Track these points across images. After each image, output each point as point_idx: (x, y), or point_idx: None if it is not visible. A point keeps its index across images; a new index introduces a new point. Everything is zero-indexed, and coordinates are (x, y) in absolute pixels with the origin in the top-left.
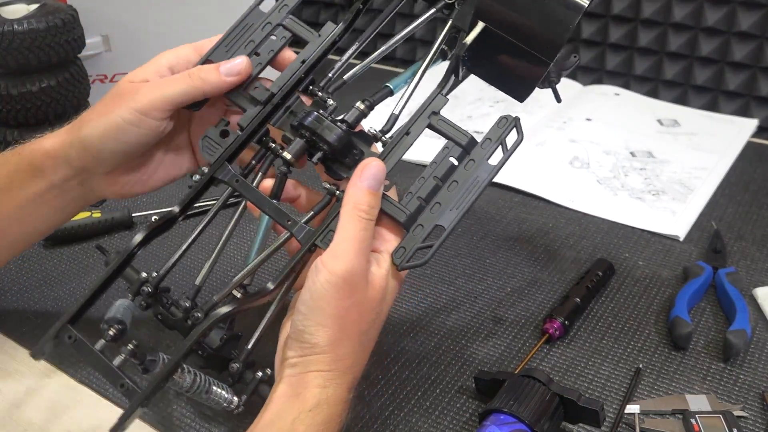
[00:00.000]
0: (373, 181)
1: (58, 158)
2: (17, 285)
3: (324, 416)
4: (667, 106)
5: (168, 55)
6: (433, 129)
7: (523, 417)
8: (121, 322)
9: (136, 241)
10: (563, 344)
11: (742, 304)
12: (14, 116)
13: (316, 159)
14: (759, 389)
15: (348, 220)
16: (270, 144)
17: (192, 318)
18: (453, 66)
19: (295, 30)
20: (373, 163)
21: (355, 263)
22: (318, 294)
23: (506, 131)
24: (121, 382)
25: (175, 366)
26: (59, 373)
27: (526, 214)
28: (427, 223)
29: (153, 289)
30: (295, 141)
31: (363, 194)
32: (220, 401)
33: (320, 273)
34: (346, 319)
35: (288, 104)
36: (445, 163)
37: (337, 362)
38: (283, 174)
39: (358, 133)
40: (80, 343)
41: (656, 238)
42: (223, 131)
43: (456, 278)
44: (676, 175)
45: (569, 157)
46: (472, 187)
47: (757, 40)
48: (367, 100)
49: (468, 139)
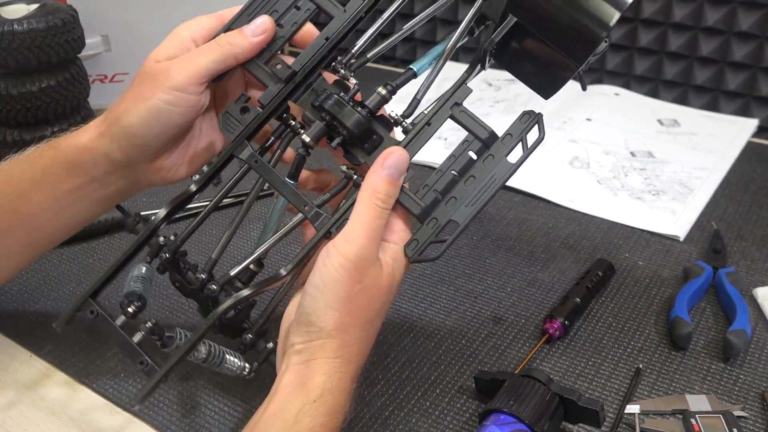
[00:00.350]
0: (394, 170)
1: (96, 153)
2: (17, 285)
3: (328, 407)
4: (667, 106)
5: (189, 26)
6: (454, 120)
7: (523, 417)
8: (141, 297)
9: (160, 216)
10: (563, 344)
11: (742, 304)
12: (14, 116)
13: (335, 144)
14: (759, 389)
15: (365, 206)
16: (290, 122)
17: (208, 290)
18: (479, 57)
19: (321, 2)
20: (398, 152)
21: (366, 249)
22: (329, 277)
23: (528, 127)
24: (140, 360)
25: (193, 345)
26: (59, 373)
27: (526, 214)
28: (442, 218)
29: (171, 255)
30: (315, 124)
31: (383, 182)
32: (233, 369)
33: (332, 256)
34: (354, 304)
35: (309, 81)
36: (464, 157)
37: (343, 349)
38: (301, 156)
39: (379, 117)
40: (102, 318)
41: (656, 238)
42: (244, 108)
43: (456, 278)
44: (676, 175)
45: (569, 157)
46: (490, 183)
47: (757, 40)
48: (390, 85)
49: (489, 133)
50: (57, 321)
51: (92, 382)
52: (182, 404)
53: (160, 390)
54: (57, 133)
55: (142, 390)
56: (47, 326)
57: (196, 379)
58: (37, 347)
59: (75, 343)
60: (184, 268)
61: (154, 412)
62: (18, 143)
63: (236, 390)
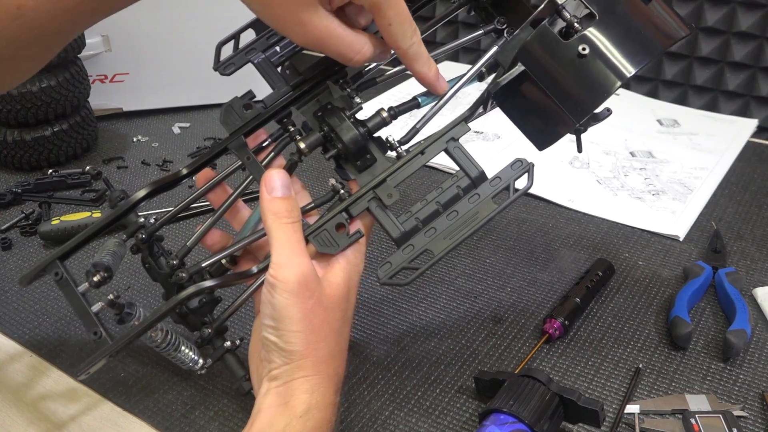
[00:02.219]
0: (281, 189)
1: None
2: (17, 285)
3: (315, 422)
4: (667, 106)
5: None
6: (448, 154)
7: (522, 417)
8: (108, 269)
9: (139, 196)
10: (563, 344)
11: (742, 304)
12: (14, 116)
13: (328, 156)
14: (759, 389)
15: (275, 230)
16: (289, 127)
17: (176, 277)
18: (483, 98)
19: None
20: (272, 173)
21: (300, 265)
22: (280, 305)
23: (518, 175)
24: (95, 330)
25: (147, 327)
26: (59, 373)
27: (526, 214)
28: (418, 245)
29: (147, 236)
30: (312, 132)
31: (278, 203)
32: (186, 361)
33: (273, 286)
34: (313, 320)
35: (316, 92)
36: (451, 191)
37: (318, 365)
38: (293, 162)
39: (375, 138)
40: (65, 282)
41: (656, 238)
42: (247, 104)
43: (456, 278)
44: (676, 175)
45: (569, 157)
46: (471, 221)
47: (757, 40)
48: (393, 109)
49: (479, 172)
50: (21, 277)
51: (92, 382)
52: (182, 404)
53: (161, 390)
54: (57, 133)
55: (88, 360)
56: (47, 326)
57: (196, 379)
58: (38, 347)
59: (75, 344)
60: (158, 252)
61: (153, 412)
62: (18, 143)
63: (236, 390)
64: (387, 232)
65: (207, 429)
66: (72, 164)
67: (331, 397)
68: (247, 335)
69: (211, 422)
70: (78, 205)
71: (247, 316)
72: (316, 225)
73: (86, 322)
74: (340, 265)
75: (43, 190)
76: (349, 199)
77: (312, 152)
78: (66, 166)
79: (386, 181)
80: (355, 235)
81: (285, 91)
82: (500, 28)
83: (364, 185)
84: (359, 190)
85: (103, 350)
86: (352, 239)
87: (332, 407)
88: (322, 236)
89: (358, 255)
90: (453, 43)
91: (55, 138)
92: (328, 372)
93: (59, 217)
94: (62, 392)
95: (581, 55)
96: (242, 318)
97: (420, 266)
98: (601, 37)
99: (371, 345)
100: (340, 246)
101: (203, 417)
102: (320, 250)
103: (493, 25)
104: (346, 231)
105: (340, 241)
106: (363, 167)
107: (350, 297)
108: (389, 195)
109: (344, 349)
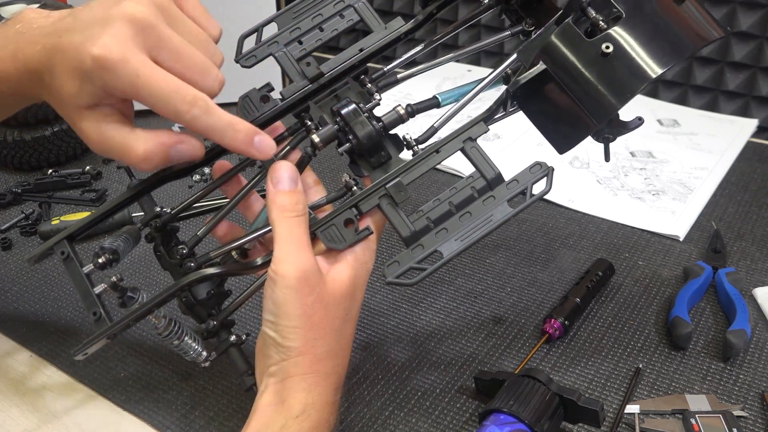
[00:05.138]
0: (287, 182)
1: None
2: (17, 285)
3: (312, 422)
4: (667, 106)
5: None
6: (464, 154)
7: (522, 417)
8: (115, 253)
9: (150, 182)
10: (563, 344)
11: (742, 304)
12: (14, 116)
13: (342, 150)
14: (759, 389)
15: (279, 224)
16: (306, 121)
17: (185, 266)
18: (503, 99)
19: (365, 15)
20: (279, 165)
21: (302, 260)
22: (280, 300)
23: (537, 178)
24: (94, 310)
25: (147, 311)
26: (59, 373)
27: (526, 214)
28: (428, 246)
29: (161, 224)
30: (328, 126)
31: (283, 196)
32: (189, 351)
33: (274, 281)
34: (313, 317)
35: (335, 87)
36: (465, 192)
37: (316, 363)
38: (307, 156)
39: (392, 135)
40: (71, 261)
41: (656, 238)
42: (264, 96)
43: (456, 278)
44: (676, 175)
45: (569, 157)
46: (484, 223)
47: (757, 40)
48: (410, 107)
49: (495, 174)
50: (28, 256)
51: (92, 382)
52: (182, 404)
53: (161, 390)
54: (57, 133)
55: (86, 341)
56: (47, 326)
57: (196, 379)
58: (38, 347)
59: (76, 344)
60: (172, 243)
61: (153, 412)
62: (18, 143)
63: (236, 390)
64: (396, 231)
65: (207, 429)
66: (72, 164)
67: (330, 397)
68: (255, 331)
69: (211, 422)
70: (78, 205)
71: (257, 312)
72: (324, 219)
73: (87, 303)
74: (347, 261)
75: (43, 190)
76: (359, 195)
77: (326, 146)
78: (66, 166)
79: (399, 178)
80: (363, 231)
81: (303, 84)
82: (528, 30)
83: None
84: (370, 186)
85: (101, 331)
86: (361, 236)
87: (331, 407)
88: (330, 231)
89: (368, 252)
90: (476, 45)
91: (55, 138)
92: (327, 371)
93: (59, 217)
94: (62, 392)
95: (605, 54)
96: (252, 313)
97: (427, 267)
98: (627, 36)
99: (371, 345)
100: (348, 242)
101: (203, 417)
102: (327, 245)
103: (521, 26)
104: (354, 227)
105: (347, 237)
106: (377, 164)
107: (356, 295)
108: (401, 192)
109: (346, 347)
